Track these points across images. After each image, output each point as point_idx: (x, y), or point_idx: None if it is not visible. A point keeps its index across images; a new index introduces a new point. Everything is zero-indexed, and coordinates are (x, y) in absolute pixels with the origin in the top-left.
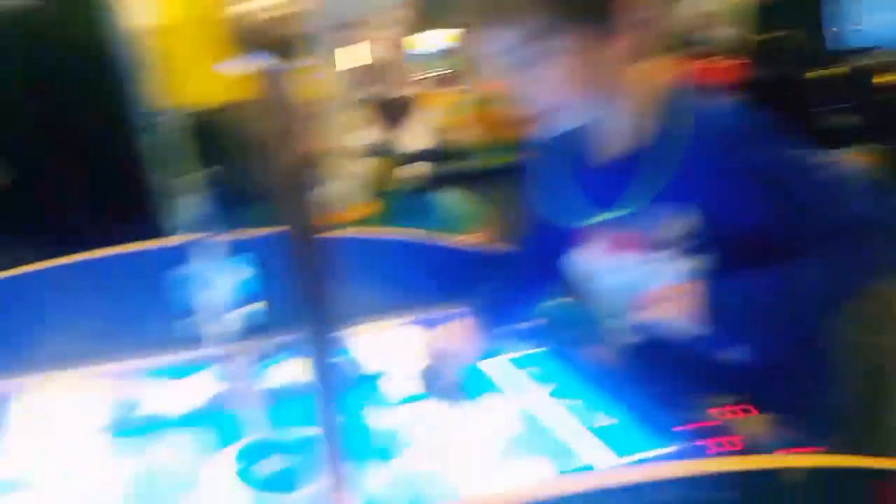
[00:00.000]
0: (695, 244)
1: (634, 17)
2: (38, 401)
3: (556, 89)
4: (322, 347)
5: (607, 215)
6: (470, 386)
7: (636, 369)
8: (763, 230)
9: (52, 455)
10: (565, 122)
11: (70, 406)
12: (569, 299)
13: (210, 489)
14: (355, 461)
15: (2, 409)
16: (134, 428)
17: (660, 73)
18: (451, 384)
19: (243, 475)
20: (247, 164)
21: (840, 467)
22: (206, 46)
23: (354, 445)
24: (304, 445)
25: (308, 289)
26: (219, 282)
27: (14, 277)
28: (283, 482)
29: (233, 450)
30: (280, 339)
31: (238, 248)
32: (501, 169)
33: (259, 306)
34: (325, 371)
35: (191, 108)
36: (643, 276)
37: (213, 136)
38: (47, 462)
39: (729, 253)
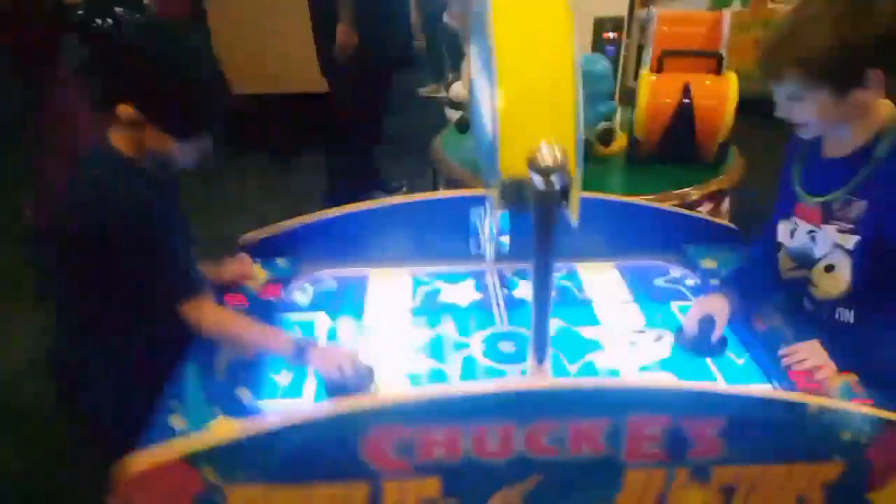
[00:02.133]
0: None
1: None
2: (378, 285)
3: (813, 117)
4: (543, 273)
5: (816, 197)
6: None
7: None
8: None
9: (382, 320)
10: (815, 132)
11: (392, 291)
12: None
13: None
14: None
15: (363, 287)
16: (429, 308)
17: (879, 112)
18: (715, 341)
19: (486, 352)
20: None
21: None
22: None
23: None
24: (525, 339)
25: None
26: (488, 220)
27: (377, 208)
28: (509, 358)
29: (483, 334)
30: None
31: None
32: None
33: (506, 239)
34: (542, 289)
35: None
36: (816, 241)
37: None
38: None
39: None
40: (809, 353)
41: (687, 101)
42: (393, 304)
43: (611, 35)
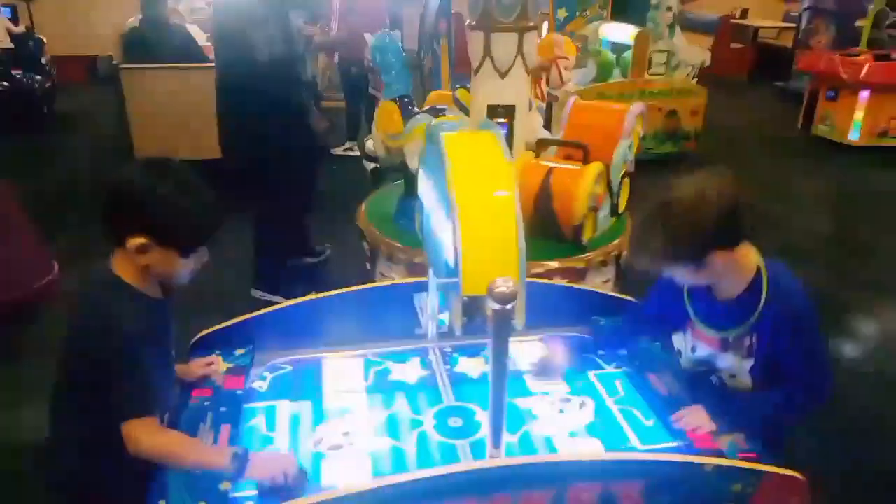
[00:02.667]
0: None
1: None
2: (332, 368)
3: (690, 280)
4: (500, 372)
5: (713, 331)
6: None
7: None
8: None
9: (340, 402)
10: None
11: (346, 370)
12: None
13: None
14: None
15: (318, 370)
16: (382, 388)
17: (748, 261)
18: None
19: (437, 427)
20: None
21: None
22: None
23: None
24: (471, 413)
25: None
26: (429, 304)
27: (329, 297)
28: (460, 432)
29: (433, 410)
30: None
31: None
32: None
33: (445, 317)
34: (499, 384)
35: None
36: (717, 360)
37: None
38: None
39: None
40: (694, 416)
41: (546, 185)
42: (348, 385)
43: (500, 120)
